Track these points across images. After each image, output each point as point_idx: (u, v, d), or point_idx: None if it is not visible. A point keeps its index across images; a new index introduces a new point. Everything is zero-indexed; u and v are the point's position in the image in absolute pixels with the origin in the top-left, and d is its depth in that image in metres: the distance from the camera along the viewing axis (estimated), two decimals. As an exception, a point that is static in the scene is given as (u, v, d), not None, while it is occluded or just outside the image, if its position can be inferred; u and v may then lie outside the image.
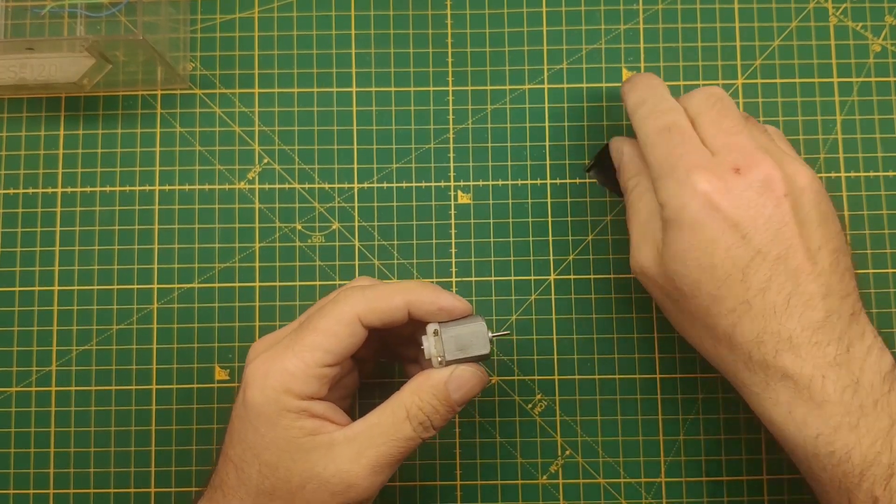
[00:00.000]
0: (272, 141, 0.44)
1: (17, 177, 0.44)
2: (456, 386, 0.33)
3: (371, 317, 0.32)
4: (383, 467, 0.32)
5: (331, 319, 0.32)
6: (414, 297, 0.33)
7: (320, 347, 0.32)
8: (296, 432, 0.31)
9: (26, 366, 0.43)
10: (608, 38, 0.45)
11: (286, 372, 0.31)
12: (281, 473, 0.32)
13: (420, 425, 0.32)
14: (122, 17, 0.44)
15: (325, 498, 0.31)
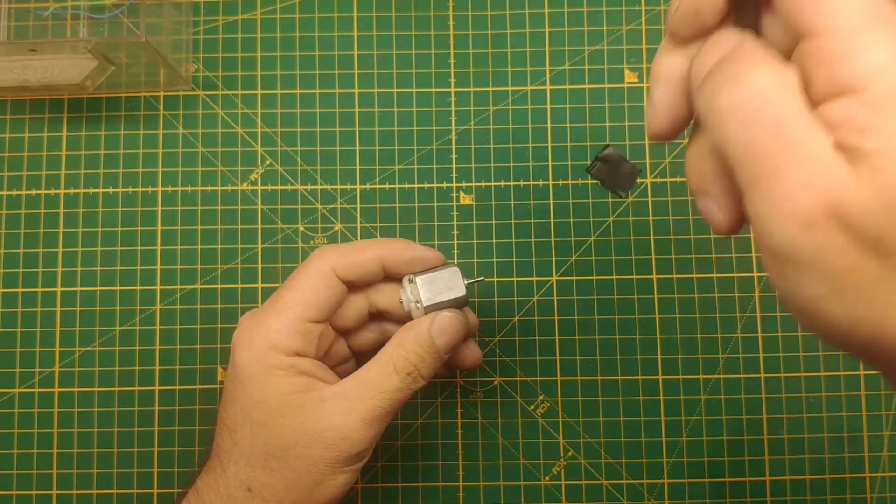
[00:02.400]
0: (274, 142, 0.44)
1: (20, 178, 0.44)
2: (438, 331, 0.33)
3: (345, 269, 0.33)
4: (374, 420, 0.32)
5: (306, 275, 0.33)
6: (386, 250, 0.34)
7: (300, 302, 0.33)
8: (284, 388, 0.32)
9: (29, 367, 0.43)
10: (610, 40, 0.45)
11: (270, 329, 0.32)
12: (272, 431, 0.32)
13: (408, 376, 0.32)
14: (125, 18, 0.44)
15: (320, 452, 0.32)
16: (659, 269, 0.43)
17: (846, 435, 0.42)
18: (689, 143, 0.23)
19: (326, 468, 0.32)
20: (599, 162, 0.44)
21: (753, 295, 0.43)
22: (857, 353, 0.21)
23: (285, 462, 0.32)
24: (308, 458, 0.32)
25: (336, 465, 0.32)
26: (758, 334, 0.43)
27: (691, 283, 0.43)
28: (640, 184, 0.44)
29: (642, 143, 0.44)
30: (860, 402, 0.42)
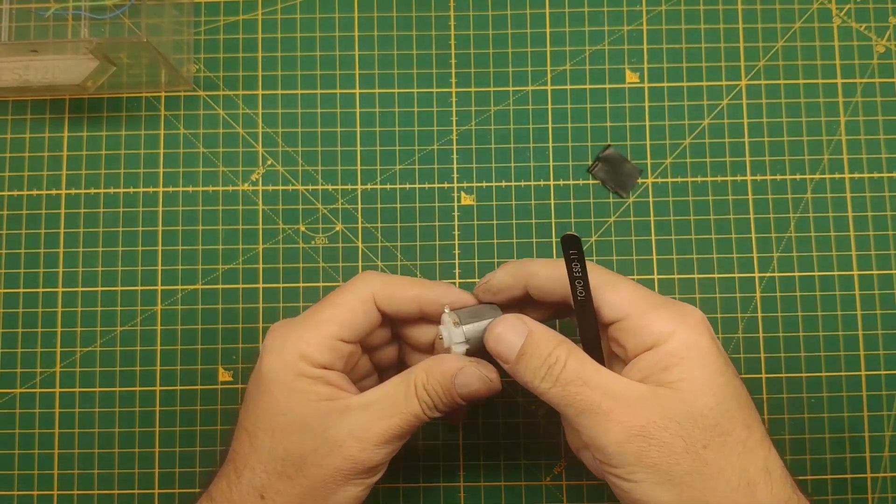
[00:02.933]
0: (275, 143, 0.44)
1: (21, 179, 0.44)
2: (462, 382, 0.33)
3: (385, 299, 0.34)
4: (392, 438, 0.32)
5: (348, 295, 0.34)
6: (427, 293, 0.34)
7: (335, 320, 0.33)
8: (311, 396, 0.32)
9: (30, 367, 0.43)
10: (611, 40, 0.45)
11: (302, 340, 0.33)
12: (294, 437, 0.32)
13: (425, 404, 0.33)
14: (126, 19, 0.44)
15: (338, 462, 0.32)
16: (660, 269, 0.43)
17: (847, 435, 0.42)
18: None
19: (341, 479, 0.32)
20: (600, 162, 0.44)
21: (755, 295, 0.43)
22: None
23: (302, 470, 0.32)
24: (325, 467, 0.32)
25: (351, 476, 0.32)
26: (759, 335, 0.42)
27: (692, 284, 0.43)
28: (641, 184, 0.44)
29: (643, 143, 0.44)
30: (861, 402, 0.42)
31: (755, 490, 0.30)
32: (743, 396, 0.31)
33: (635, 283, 0.33)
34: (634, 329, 0.31)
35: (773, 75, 0.44)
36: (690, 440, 0.29)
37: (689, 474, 0.29)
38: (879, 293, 0.43)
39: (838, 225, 0.43)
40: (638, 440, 0.29)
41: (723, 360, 0.31)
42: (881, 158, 0.44)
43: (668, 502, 0.29)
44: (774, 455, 0.31)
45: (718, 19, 0.45)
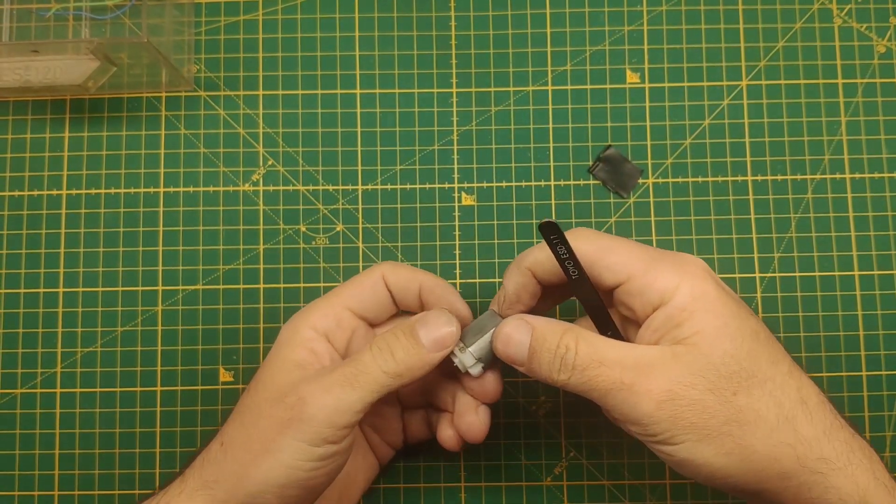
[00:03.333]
0: (276, 143, 0.44)
1: (22, 179, 0.44)
2: (424, 321, 0.33)
3: (392, 276, 0.35)
4: (335, 384, 0.31)
5: (360, 274, 0.36)
6: (430, 281, 0.36)
7: (344, 291, 0.35)
8: (291, 356, 0.33)
9: (31, 368, 0.43)
10: (612, 40, 0.45)
11: (314, 306, 0.35)
12: (259, 386, 0.33)
13: (380, 352, 0.32)
14: (127, 19, 0.44)
15: (279, 413, 0.31)
16: (661, 269, 0.43)
17: (848, 435, 0.42)
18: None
19: (278, 433, 0.31)
20: (601, 162, 0.44)
21: (756, 296, 0.43)
22: (735, 487, 0.30)
23: (255, 419, 0.32)
24: (268, 417, 0.31)
25: (289, 430, 0.31)
26: (760, 335, 0.42)
27: (693, 284, 0.43)
28: (641, 184, 0.44)
29: (644, 143, 0.44)
30: (863, 402, 0.42)
31: (795, 424, 0.30)
32: (761, 333, 0.31)
33: (633, 242, 0.33)
34: (639, 290, 0.31)
35: (774, 75, 0.44)
36: (719, 391, 0.29)
37: (727, 424, 0.29)
38: (880, 293, 0.43)
39: (839, 225, 0.43)
40: (668, 405, 0.29)
41: (733, 302, 0.31)
42: (882, 158, 0.44)
43: (712, 456, 0.29)
44: (808, 383, 0.31)
45: (719, 19, 0.45)
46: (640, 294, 0.31)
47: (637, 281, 0.31)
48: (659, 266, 0.31)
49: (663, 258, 0.32)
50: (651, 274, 0.31)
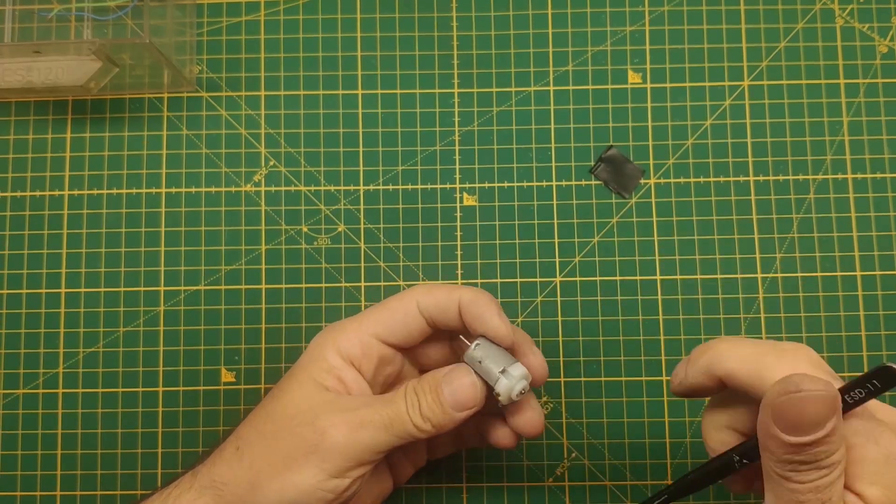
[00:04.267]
0: (278, 143, 0.44)
1: (25, 179, 0.44)
2: (448, 379, 0.33)
3: (427, 303, 0.34)
4: (366, 423, 0.31)
5: (393, 299, 0.35)
6: (468, 296, 0.34)
7: (374, 318, 0.34)
8: (318, 378, 0.33)
9: (33, 368, 0.43)
10: (614, 40, 0.45)
11: (343, 329, 0.34)
12: (285, 400, 0.33)
13: (410, 402, 0.32)
14: (129, 20, 0.44)
15: (306, 434, 0.32)
16: (663, 270, 0.43)
17: (850, 436, 0.42)
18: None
19: (302, 453, 0.31)
20: (603, 163, 0.44)
21: (757, 296, 0.43)
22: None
23: (275, 433, 0.32)
24: (294, 435, 0.32)
25: (313, 455, 0.31)
26: (762, 335, 0.42)
27: (695, 284, 0.43)
28: (643, 184, 0.44)
29: (646, 143, 0.44)
30: (864, 403, 0.42)
31: None
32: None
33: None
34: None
35: (776, 76, 0.44)
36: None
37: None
38: (882, 294, 0.43)
39: (841, 226, 0.43)
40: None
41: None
42: (884, 159, 0.44)
43: None
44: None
45: (721, 20, 0.45)
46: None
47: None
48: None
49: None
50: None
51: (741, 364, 0.28)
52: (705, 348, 0.29)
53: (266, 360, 0.43)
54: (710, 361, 0.28)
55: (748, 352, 0.28)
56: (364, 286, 0.43)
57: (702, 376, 0.29)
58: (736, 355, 0.28)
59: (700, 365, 0.29)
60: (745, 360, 0.27)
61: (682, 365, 0.30)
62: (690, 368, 0.29)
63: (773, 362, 0.27)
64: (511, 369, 0.33)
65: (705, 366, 0.28)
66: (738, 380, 0.28)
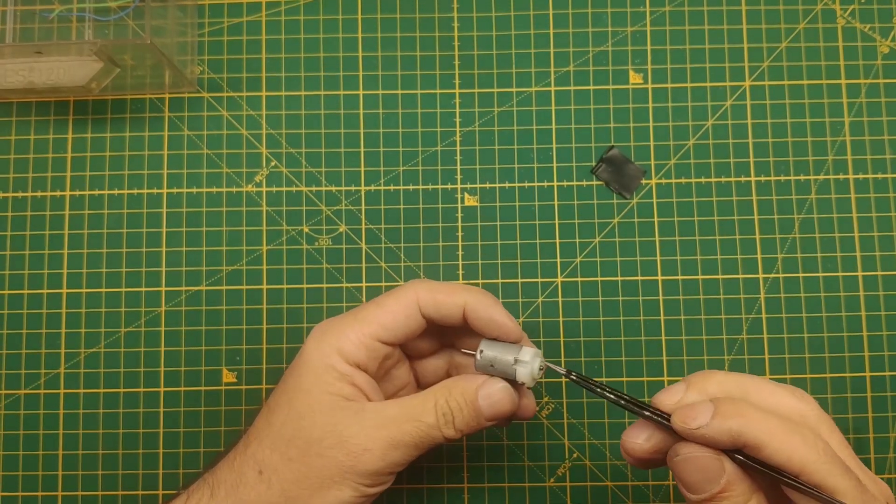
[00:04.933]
0: (279, 144, 0.44)
1: (26, 180, 0.44)
2: (485, 394, 0.33)
3: (429, 305, 0.34)
4: (399, 444, 0.32)
5: (392, 298, 0.34)
6: (473, 299, 0.34)
7: (376, 321, 0.34)
8: (334, 389, 0.33)
9: (35, 368, 0.43)
10: (615, 41, 0.45)
11: (343, 335, 0.33)
12: (305, 421, 0.33)
13: (443, 417, 0.33)
14: (130, 20, 0.44)
15: (340, 457, 0.32)
16: (664, 270, 0.43)
17: (852, 437, 0.42)
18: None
19: (338, 475, 0.32)
20: (604, 163, 0.44)
21: (759, 296, 0.43)
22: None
23: (304, 455, 0.32)
24: (327, 458, 0.32)
25: (349, 475, 0.32)
26: (763, 336, 0.42)
27: (696, 285, 0.43)
28: (644, 185, 0.44)
29: (647, 144, 0.44)
30: (866, 403, 0.42)
31: None
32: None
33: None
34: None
35: (777, 76, 0.44)
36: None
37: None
38: (884, 294, 0.43)
39: (843, 226, 0.43)
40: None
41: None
42: (885, 159, 0.44)
43: None
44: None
45: (722, 20, 0.45)
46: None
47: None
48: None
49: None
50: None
51: (771, 438, 0.28)
52: (732, 403, 0.29)
53: (267, 361, 0.43)
54: (742, 429, 0.28)
55: (776, 424, 0.28)
56: (365, 286, 0.43)
57: (726, 436, 0.28)
58: (766, 427, 0.28)
59: (729, 427, 0.28)
60: (775, 433, 0.28)
61: (678, 388, 0.31)
62: (715, 423, 0.29)
63: (801, 444, 0.28)
64: (521, 356, 0.33)
65: (737, 431, 0.28)
66: (765, 453, 0.28)
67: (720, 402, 0.29)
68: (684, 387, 0.30)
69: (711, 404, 0.29)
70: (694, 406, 0.29)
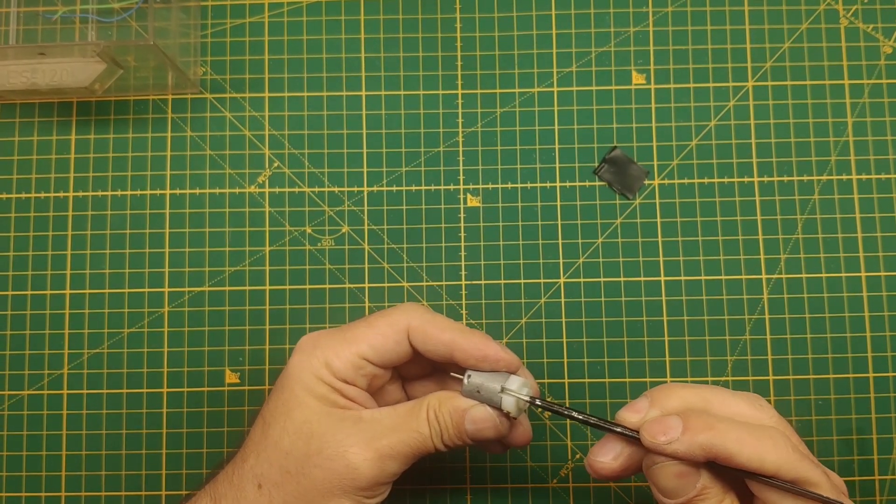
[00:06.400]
0: (282, 145, 0.44)
1: (29, 181, 0.44)
2: (471, 418, 0.33)
3: (418, 334, 0.34)
4: (397, 455, 0.33)
5: (384, 321, 0.34)
6: (463, 340, 0.33)
7: (365, 340, 0.34)
8: (328, 402, 0.33)
9: (38, 369, 0.43)
10: (618, 41, 0.45)
11: (331, 349, 0.33)
12: (303, 435, 0.33)
13: (435, 430, 0.33)
14: (133, 22, 0.44)
15: (339, 469, 0.32)
16: (667, 271, 0.43)
17: (855, 437, 0.42)
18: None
19: (338, 487, 0.32)
20: (607, 164, 0.44)
21: (762, 297, 0.43)
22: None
23: (303, 469, 0.32)
24: (326, 470, 0.32)
25: (348, 487, 0.32)
26: (766, 336, 0.42)
27: (699, 285, 0.43)
28: (647, 185, 0.44)
29: (650, 144, 0.44)
30: (870, 404, 0.42)
31: None
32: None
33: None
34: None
35: (780, 76, 0.44)
36: None
37: None
38: (887, 295, 0.43)
39: (846, 226, 0.43)
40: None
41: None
42: (889, 160, 0.44)
43: None
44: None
45: (725, 20, 0.45)
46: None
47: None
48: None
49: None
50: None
51: (742, 447, 0.29)
52: (699, 417, 0.30)
53: (270, 362, 0.43)
54: (712, 441, 0.29)
55: (744, 433, 0.29)
56: (368, 287, 0.43)
57: (698, 450, 0.29)
58: (736, 437, 0.29)
59: (701, 441, 0.29)
60: (745, 441, 0.29)
61: (641, 404, 0.31)
62: (686, 438, 0.29)
63: (771, 449, 0.29)
64: (508, 385, 0.33)
65: (708, 445, 0.29)
66: (738, 461, 0.29)
67: (688, 416, 0.30)
68: (647, 402, 0.31)
69: (679, 419, 0.30)
70: (662, 421, 0.30)
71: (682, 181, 0.44)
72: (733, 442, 0.29)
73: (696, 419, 0.30)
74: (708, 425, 0.29)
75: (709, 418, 0.30)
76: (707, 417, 0.30)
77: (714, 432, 0.29)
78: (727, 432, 0.29)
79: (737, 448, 0.29)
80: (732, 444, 0.29)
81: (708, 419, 0.30)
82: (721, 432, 0.29)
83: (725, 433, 0.29)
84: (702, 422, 0.29)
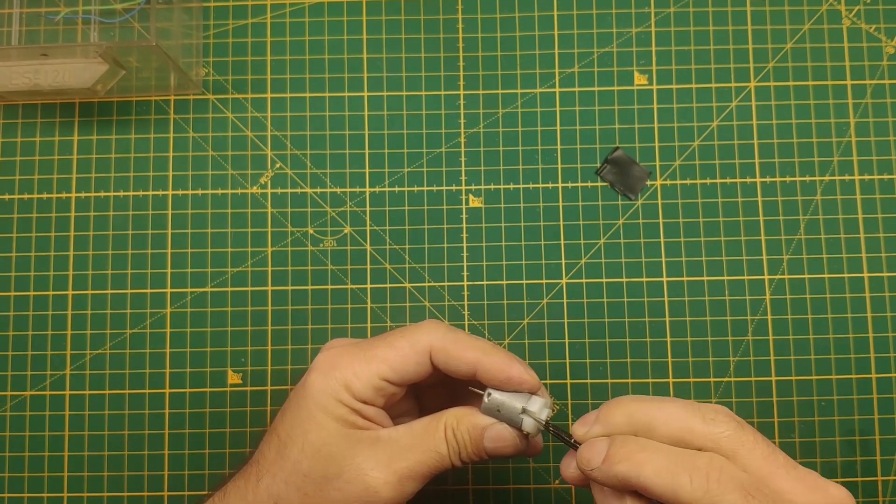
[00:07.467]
0: (284, 145, 0.44)
1: (32, 182, 0.44)
2: (490, 436, 0.33)
3: (441, 355, 0.33)
4: (415, 475, 0.33)
5: (405, 340, 0.34)
6: (487, 360, 0.33)
7: (386, 361, 0.33)
8: (347, 423, 0.33)
9: (41, 370, 0.43)
10: (620, 42, 0.45)
11: (351, 370, 0.33)
12: (321, 456, 0.32)
13: (453, 448, 0.33)
14: (136, 23, 0.44)
15: (358, 491, 0.32)
16: (669, 271, 0.43)
17: (858, 438, 0.42)
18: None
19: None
20: (609, 164, 0.44)
21: (764, 297, 0.43)
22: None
23: (321, 491, 0.32)
24: (345, 493, 0.32)
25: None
26: (769, 337, 0.42)
27: (702, 286, 0.43)
28: (649, 186, 0.44)
29: (652, 145, 0.44)
30: (872, 405, 0.42)
31: None
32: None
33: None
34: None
35: (783, 77, 0.44)
36: None
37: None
38: (890, 295, 0.43)
39: (848, 227, 0.43)
40: None
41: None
42: (891, 160, 0.44)
43: None
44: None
45: (727, 21, 0.45)
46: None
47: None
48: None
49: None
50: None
51: (655, 481, 0.28)
52: (624, 445, 0.29)
53: (272, 362, 0.43)
54: (627, 475, 0.29)
55: (663, 465, 0.28)
56: (370, 288, 0.43)
57: (613, 481, 0.29)
58: (652, 469, 0.28)
59: (616, 473, 0.29)
60: (661, 474, 0.28)
61: (590, 418, 0.31)
62: (604, 467, 0.29)
63: (687, 483, 0.28)
64: (530, 406, 0.33)
65: (623, 477, 0.29)
66: (653, 494, 0.28)
67: (612, 443, 0.29)
68: (594, 417, 0.31)
69: (605, 446, 0.29)
70: (592, 445, 0.30)
71: (684, 182, 0.44)
72: (649, 475, 0.28)
73: (617, 448, 0.29)
74: (627, 455, 0.29)
75: (631, 447, 0.29)
76: (630, 446, 0.29)
77: (630, 464, 0.29)
78: (645, 464, 0.28)
79: (650, 482, 0.28)
80: (648, 478, 0.28)
81: (630, 448, 0.29)
82: (637, 464, 0.28)
83: (642, 465, 0.28)
84: (623, 451, 0.29)
